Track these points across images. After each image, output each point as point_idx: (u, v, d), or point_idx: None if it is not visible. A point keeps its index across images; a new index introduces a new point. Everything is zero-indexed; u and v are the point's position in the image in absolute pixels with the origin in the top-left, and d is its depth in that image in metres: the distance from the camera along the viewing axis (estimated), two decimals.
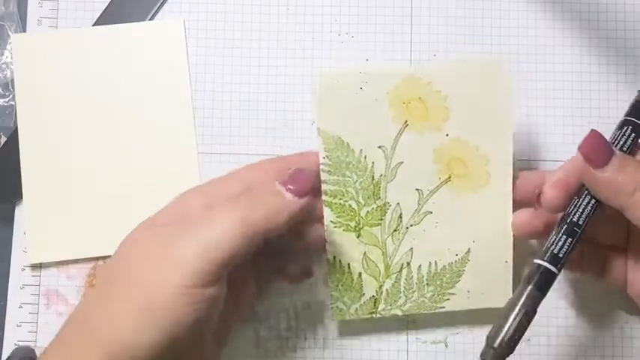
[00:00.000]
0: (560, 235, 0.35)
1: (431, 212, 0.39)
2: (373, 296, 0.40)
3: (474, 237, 0.40)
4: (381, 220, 0.39)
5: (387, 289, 0.40)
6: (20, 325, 0.43)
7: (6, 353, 0.43)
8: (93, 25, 0.45)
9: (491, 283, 0.40)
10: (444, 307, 0.40)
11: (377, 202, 0.39)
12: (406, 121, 0.38)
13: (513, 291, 0.41)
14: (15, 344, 0.43)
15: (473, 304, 0.40)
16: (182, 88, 0.45)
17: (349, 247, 0.39)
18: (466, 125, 0.39)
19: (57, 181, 0.44)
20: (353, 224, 0.39)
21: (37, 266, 0.44)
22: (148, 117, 0.45)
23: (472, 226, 0.40)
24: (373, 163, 0.39)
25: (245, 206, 0.33)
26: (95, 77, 0.45)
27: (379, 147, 0.39)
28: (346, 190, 0.39)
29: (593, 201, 0.35)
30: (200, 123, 0.45)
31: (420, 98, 0.38)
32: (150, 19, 0.45)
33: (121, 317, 0.32)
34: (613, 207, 0.35)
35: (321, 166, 0.39)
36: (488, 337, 0.34)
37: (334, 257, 0.40)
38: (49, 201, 0.44)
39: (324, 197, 0.39)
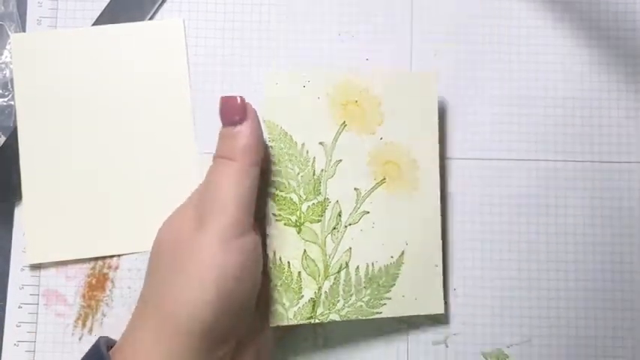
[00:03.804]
0: None
1: (368, 212, 0.40)
2: (312, 298, 0.39)
3: (408, 239, 0.41)
4: (321, 216, 0.39)
5: (325, 292, 0.39)
6: (20, 326, 0.43)
7: (5, 354, 0.43)
8: (92, 25, 0.46)
9: (423, 288, 0.41)
10: (380, 313, 0.40)
11: (317, 197, 0.40)
12: (344, 122, 0.40)
13: (445, 298, 0.42)
14: (15, 344, 0.43)
15: (408, 310, 0.40)
16: (182, 88, 0.45)
17: (290, 243, 0.39)
18: (398, 131, 0.41)
19: (56, 181, 0.44)
20: (294, 219, 0.39)
21: (37, 266, 0.44)
22: (148, 117, 0.45)
23: (405, 228, 0.41)
24: (314, 158, 0.40)
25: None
26: (95, 77, 0.45)
27: (320, 143, 0.40)
28: (288, 183, 0.39)
29: None
30: (200, 123, 0.44)
31: (356, 101, 0.41)
32: (149, 19, 0.46)
33: (177, 288, 0.34)
34: None
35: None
36: None
37: (274, 253, 0.39)
38: (49, 201, 0.44)
39: (268, 188, 0.39)
